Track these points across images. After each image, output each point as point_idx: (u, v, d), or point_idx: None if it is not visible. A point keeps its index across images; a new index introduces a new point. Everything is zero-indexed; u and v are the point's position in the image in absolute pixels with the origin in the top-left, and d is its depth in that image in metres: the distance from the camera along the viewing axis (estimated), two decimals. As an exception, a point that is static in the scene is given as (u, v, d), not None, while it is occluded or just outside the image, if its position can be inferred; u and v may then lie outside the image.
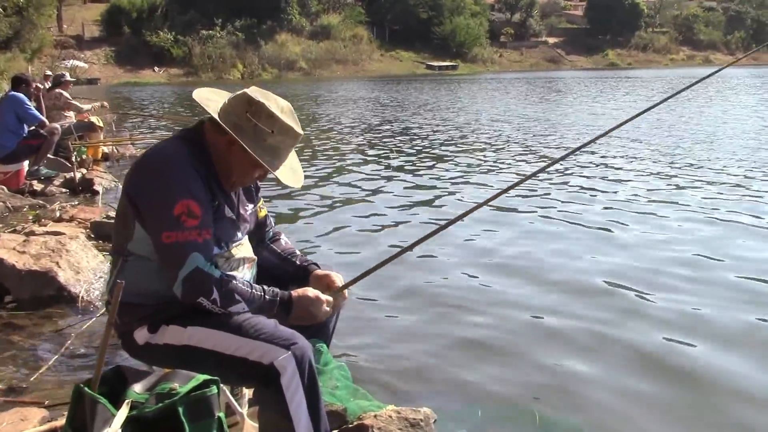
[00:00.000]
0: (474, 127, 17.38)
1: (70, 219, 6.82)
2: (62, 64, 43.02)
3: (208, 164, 2.54)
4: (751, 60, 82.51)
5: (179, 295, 2.40)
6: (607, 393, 3.71)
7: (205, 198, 2.46)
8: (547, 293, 5.21)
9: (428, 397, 3.57)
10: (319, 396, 2.44)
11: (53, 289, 4.88)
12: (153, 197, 2.43)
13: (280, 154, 2.59)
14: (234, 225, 2.64)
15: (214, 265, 2.44)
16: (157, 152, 2.55)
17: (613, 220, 7.34)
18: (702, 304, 4.95)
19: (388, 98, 29.95)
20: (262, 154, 2.50)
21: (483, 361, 4.09)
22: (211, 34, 59.28)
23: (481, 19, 75.84)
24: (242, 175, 2.60)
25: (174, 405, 2.21)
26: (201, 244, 2.39)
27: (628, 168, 10.66)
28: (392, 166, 11.48)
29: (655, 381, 3.83)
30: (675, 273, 5.60)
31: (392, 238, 6.76)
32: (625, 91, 31.39)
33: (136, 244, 2.51)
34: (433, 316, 4.79)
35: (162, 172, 2.45)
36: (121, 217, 2.57)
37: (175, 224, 2.37)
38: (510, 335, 4.46)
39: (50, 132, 9.31)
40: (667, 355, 4.16)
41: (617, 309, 4.87)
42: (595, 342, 4.33)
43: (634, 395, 3.69)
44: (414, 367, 3.94)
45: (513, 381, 3.85)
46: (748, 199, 8.29)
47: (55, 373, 3.81)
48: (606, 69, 71.16)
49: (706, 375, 3.91)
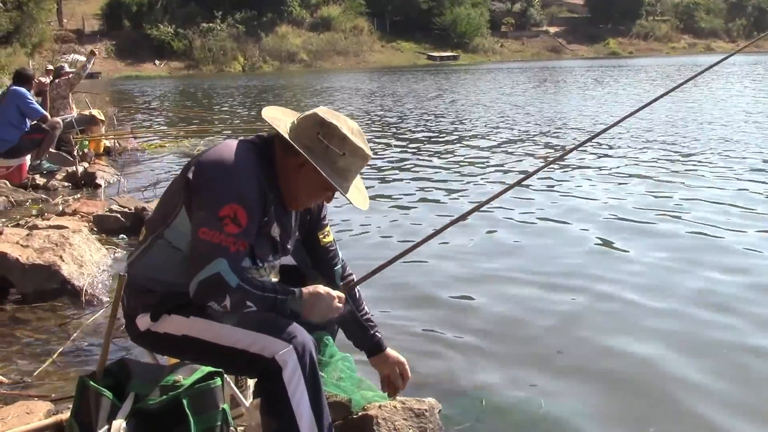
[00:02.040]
0: (478, 118, 17.34)
1: (72, 213, 6.83)
2: (63, 59, 42.95)
3: (272, 179, 2.51)
4: (754, 48, 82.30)
5: (192, 294, 2.36)
6: (612, 381, 3.72)
7: (257, 212, 2.42)
8: (551, 285, 5.19)
9: (433, 388, 3.57)
10: (321, 389, 2.44)
11: (57, 283, 4.89)
12: (208, 190, 2.40)
13: (349, 176, 2.55)
14: (275, 247, 2.60)
15: (237, 274, 2.37)
16: (229, 150, 2.48)
17: (628, 219, 7.33)
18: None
19: (389, 90, 29.92)
20: (333, 175, 2.46)
21: (487, 350, 4.09)
22: (212, 27, 59.26)
23: (481, 9, 75.68)
24: (309, 197, 2.58)
25: (178, 397, 2.22)
26: (232, 252, 2.34)
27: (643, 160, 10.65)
28: (393, 159, 11.46)
29: (658, 368, 3.83)
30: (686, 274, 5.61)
31: (399, 233, 6.75)
32: (629, 81, 31.33)
33: (172, 230, 2.49)
34: (438, 307, 4.79)
35: (226, 170, 2.41)
36: (169, 198, 2.54)
37: (216, 224, 2.33)
38: (514, 325, 4.46)
39: (52, 126, 9.31)
40: (672, 345, 4.15)
41: (622, 302, 4.86)
42: (601, 332, 4.33)
43: (639, 383, 3.68)
44: (418, 357, 3.93)
45: (517, 370, 3.85)
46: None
47: (59, 366, 3.82)
48: (607, 58, 70.98)
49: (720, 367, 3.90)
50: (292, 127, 2.53)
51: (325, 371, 2.94)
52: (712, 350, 4.05)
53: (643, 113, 14.84)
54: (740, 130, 13.22)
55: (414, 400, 3.11)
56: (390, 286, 5.15)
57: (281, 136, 2.49)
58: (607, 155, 10.89)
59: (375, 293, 5.03)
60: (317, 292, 2.52)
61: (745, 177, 8.82)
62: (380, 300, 4.90)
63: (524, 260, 5.80)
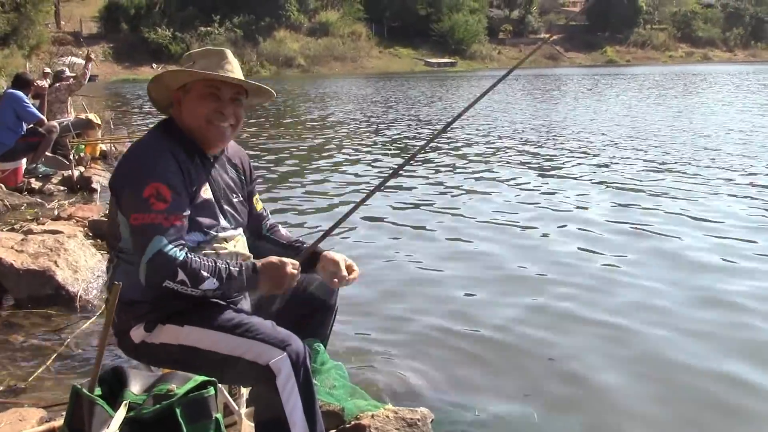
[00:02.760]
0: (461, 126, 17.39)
1: (68, 217, 6.81)
2: (60, 61, 42.86)
3: (183, 140, 2.62)
4: (750, 57, 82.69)
5: (143, 280, 2.39)
6: (605, 392, 3.72)
7: (180, 184, 2.49)
8: (544, 294, 5.20)
9: (426, 397, 3.57)
10: (314, 397, 2.45)
11: (51, 288, 4.88)
12: (127, 183, 2.49)
13: (211, 69, 2.62)
14: (213, 213, 2.64)
15: (182, 249, 2.41)
16: (136, 142, 2.67)
17: (615, 220, 7.35)
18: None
19: (387, 96, 29.93)
20: (186, 75, 2.63)
21: (480, 361, 4.09)
22: (210, 31, 59.37)
23: (479, 15, 75.95)
24: (198, 117, 2.61)
25: (171, 406, 2.22)
26: (167, 228, 2.39)
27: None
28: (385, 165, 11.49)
29: (655, 380, 3.84)
30: (673, 274, 5.62)
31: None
32: (619, 89, 31.41)
33: (126, 240, 2.54)
34: (431, 317, 4.78)
35: (136, 158, 2.54)
36: (110, 214, 2.63)
37: (143, 206, 2.40)
38: (507, 335, 4.46)
39: (48, 130, 9.30)
40: (665, 352, 4.16)
41: (616, 309, 4.87)
42: (594, 342, 4.33)
43: (632, 394, 3.69)
44: (411, 367, 3.94)
45: (510, 380, 3.85)
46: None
47: (53, 373, 3.81)
48: (604, 66, 71.15)
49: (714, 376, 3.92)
50: (152, 90, 2.76)
51: (318, 379, 2.94)
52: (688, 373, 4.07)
53: (629, 121, 14.97)
54: (723, 142, 13.30)
55: (407, 409, 3.12)
56: (382, 291, 5.17)
57: (152, 95, 2.75)
58: (582, 162, 10.95)
59: (367, 298, 5.07)
60: (270, 261, 2.55)
61: (723, 189, 8.87)
62: (372, 307, 4.92)
63: (514, 269, 5.80)
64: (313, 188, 9.55)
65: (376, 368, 3.94)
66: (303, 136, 15.28)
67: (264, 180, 10.00)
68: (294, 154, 13.02)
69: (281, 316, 2.73)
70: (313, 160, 12.15)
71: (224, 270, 2.46)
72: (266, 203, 3.11)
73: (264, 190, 9.19)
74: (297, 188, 9.56)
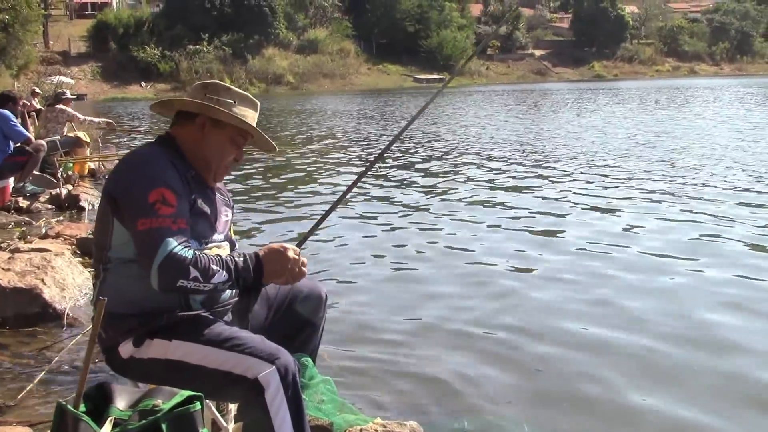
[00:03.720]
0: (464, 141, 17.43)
1: (56, 235, 6.78)
2: (48, 81, 42.88)
3: (184, 162, 2.63)
4: (736, 71, 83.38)
5: (156, 284, 2.37)
6: (597, 403, 3.71)
7: (182, 190, 2.51)
8: (533, 308, 5.21)
9: (414, 411, 3.56)
10: (303, 411, 2.44)
11: (38, 307, 4.84)
12: (130, 187, 2.48)
13: (249, 122, 2.71)
14: (209, 222, 2.67)
15: (189, 249, 2.42)
16: (133, 152, 2.67)
17: (612, 231, 7.37)
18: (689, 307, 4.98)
19: (375, 112, 30.01)
20: (233, 119, 2.65)
21: (470, 373, 4.08)
22: (198, 49, 59.49)
23: (467, 31, 76.49)
24: (221, 156, 2.69)
25: (157, 422, 2.20)
26: (175, 231, 2.40)
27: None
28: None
29: (646, 391, 3.83)
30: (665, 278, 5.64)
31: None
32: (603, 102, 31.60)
33: (116, 249, 2.53)
34: (419, 329, 4.79)
35: (139, 165, 2.54)
36: (100, 223, 2.60)
37: (149, 211, 2.40)
38: (497, 347, 4.46)
39: (36, 148, 9.25)
40: (659, 362, 4.17)
41: (608, 319, 4.88)
42: (585, 352, 4.33)
43: (624, 405, 3.68)
44: (400, 380, 3.93)
45: (501, 393, 3.84)
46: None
47: (40, 391, 3.78)
48: (592, 80, 71.57)
49: (701, 382, 3.92)
50: (183, 100, 2.72)
51: (306, 394, 2.94)
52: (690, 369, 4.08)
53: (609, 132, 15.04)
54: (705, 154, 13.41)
55: (395, 423, 3.11)
56: (370, 304, 5.18)
57: (177, 107, 2.73)
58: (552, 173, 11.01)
59: (356, 310, 5.07)
60: (272, 247, 2.60)
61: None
62: (360, 320, 4.92)
63: (500, 281, 5.81)
64: (285, 200, 9.57)
65: (365, 382, 3.93)
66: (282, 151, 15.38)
67: (243, 191, 10.00)
68: (271, 167, 13.04)
69: (269, 331, 2.74)
70: (292, 173, 12.16)
71: (230, 261, 2.48)
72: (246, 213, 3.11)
73: (245, 202, 9.19)
74: (273, 199, 9.56)
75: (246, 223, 8.15)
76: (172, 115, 2.77)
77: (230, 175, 2.55)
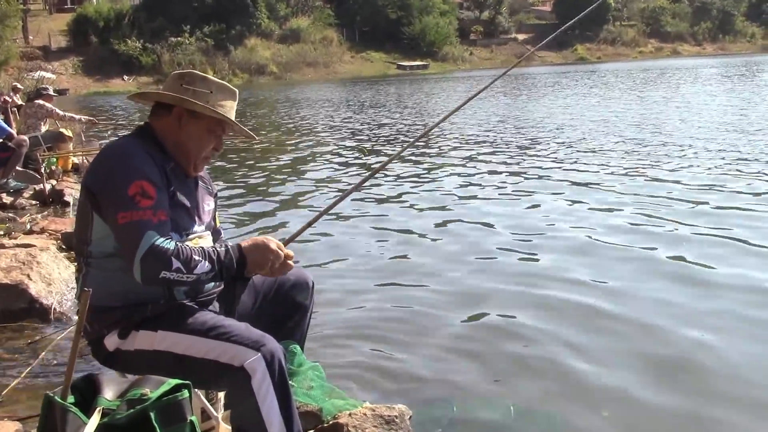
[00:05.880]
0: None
1: (40, 231, 6.76)
2: (30, 76, 42.56)
3: (163, 154, 2.62)
4: (719, 50, 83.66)
5: (139, 277, 2.38)
6: (581, 385, 3.74)
7: (161, 181, 2.51)
8: (518, 289, 5.23)
9: (403, 394, 3.58)
10: (290, 397, 2.44)
11: (25, 302, 4.84)
12: (108, 180, 2.47)
13: (227, 112, 2.69)
14: (190, 214, 2.66)
15: (171, 240, 2.43)
16: (111, 145, 2.65)
17: (593, 224, 7.40)
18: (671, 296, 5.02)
19: (360, 99, 29.96)
20: (210, 110, 2.63)
21: (457, 356, 4.11)
22: (180, 41, 59.11)
23: (450, 17, 76.18)
24: (199, 147, 2.68)
25: (145, 410, 2.21)
26: (156, 223, 2.40)
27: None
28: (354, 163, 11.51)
29: (629, 372, 3.87)
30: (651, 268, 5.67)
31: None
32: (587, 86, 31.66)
33: (97, 243, 2.53)
34: (407, 314, 4.81)
35: (117, 158, 2.52)
36: (80, 217, 2.59)
37: (129, 204, 2.39)
38: (483, 331, 4.49)
39: (18, 144, 9.21)
40: (642, 345, 4.19)
41: (591, 304, 4.89)
42: (568, 335, 4.36)
43: (608, 387, 3.71)
44: (388, 365, 3.95)
45: (488, 375, 3.87)
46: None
47: (28, 385, 3.78)
48: (575, 64, 71.61)
49: (686, 363, 3.96)
50: (160, 92, 2.71)
51: (295, 380, 2.95)
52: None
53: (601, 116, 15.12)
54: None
55: (384, 406, 3.12)
56: (358, 290, 5.20)
57: (154, 99, 2.71)
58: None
59: (344, 296, 5.08)
60: (255, 239, 2.62)
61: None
62: (348, 306, 4.93)
63: (490, 266, 5.84)
64: (273, 193, 9.56)
65: (353, 368, 3.95)
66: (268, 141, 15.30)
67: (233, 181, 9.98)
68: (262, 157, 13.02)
69: (257, 319, 2.74)
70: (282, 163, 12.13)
71: (213, 252, 2.49)
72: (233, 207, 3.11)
73: (231, 196, 9.18)
74: (272, 189, 9.55)
75: (233, 217, 8.11)
76: (151, 104, 2.76)
77: (214, 168, 2.53)
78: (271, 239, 2.62)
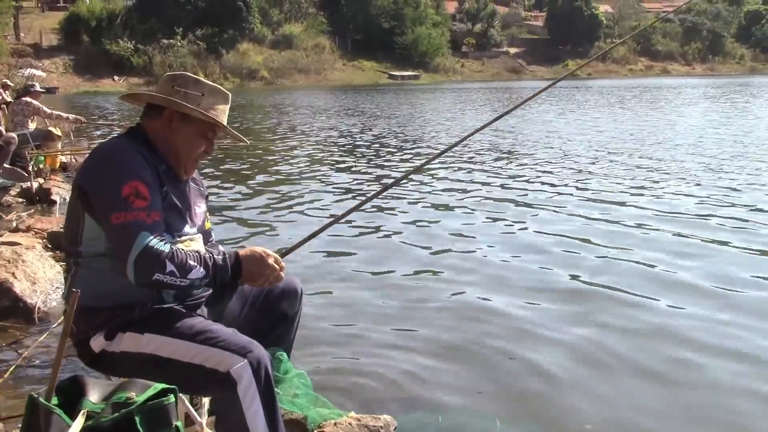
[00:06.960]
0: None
1: (26, 229, 6.71)
2: (19, 73, 42.32)
3: (155, 155, 2.61)
4: (708, 71, 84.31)
5: (133, 278, 2.37)
6: (567, 398, 3.74)
7: (154, 182, 2.50)
8: (507, 300, 5.24)
9: (388, 405, 3.57)
10: (276, 404, 2.44)
11: (9, 301, 4.80)
12: (102, 181, 2.46)
13: (219, 116, 2.69)
14: (182, 216, 2.66)
15: (166, 243, 2.42)
16: (104, 145, 2.63)
17: (589, 230, 7.42)
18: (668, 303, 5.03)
19: (351, 108, 29.98)
20: (201, 114, 2.62)
21: (443, 368, 4.10)
22: (172, 43, 58.97)
23: (442, 29, 76.47)
24: (190, 150, 2.67)
25: (131, 414, 2.19)
26: (150, 224, 2.40)
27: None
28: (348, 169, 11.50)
29: (614, 384, 3.88)
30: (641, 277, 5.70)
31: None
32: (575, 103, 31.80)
33: (87, 243, 2.51)
34: (395, 324, 4.80)
35: (110, 158, 2.51)
36: (71, 217, 2.58)
37: (123, 205, 2.39)
38: (470, 343, 4.47)
39: (6, 141, 9.17)
40: (629, 357, 4.20)
41: (578, 315, 4.91)
42: (556, 349, 4.36)
43: (593, 400, 3.71)
44: (374, 374, 3.94)
45: (473, 388, 3.86)
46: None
47: (11, 385, 3.75)
48: (566, 79, 71.86)
49: (673, 377, 3.97)
50: (152, 94, 2.70)
51: (281, 388, 2.94)
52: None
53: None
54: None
55: (370, 417, 3.12)
56: (345, 299, 5.19)
57: (145, 100, 2.71)
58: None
59: (331, 305, 5.07)
60: (254, 251, 2.62)
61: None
62: (335, 315, 4.92)
63: (479, 278, 5.84)
64: (267, 203, 9.54)
65: (339, 376, 3.94)
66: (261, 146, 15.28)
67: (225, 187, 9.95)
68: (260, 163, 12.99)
69: (244, 325, 2.73)
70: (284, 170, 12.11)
71: (209, 258, 2.49)
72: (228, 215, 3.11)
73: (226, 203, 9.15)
74: (267, 201, 9.53)
75: (225, 225, 8.08)
76: (143, 105, 2.76)
77: (206, 173, 2.53)
78: (270, 253, 2.62)
